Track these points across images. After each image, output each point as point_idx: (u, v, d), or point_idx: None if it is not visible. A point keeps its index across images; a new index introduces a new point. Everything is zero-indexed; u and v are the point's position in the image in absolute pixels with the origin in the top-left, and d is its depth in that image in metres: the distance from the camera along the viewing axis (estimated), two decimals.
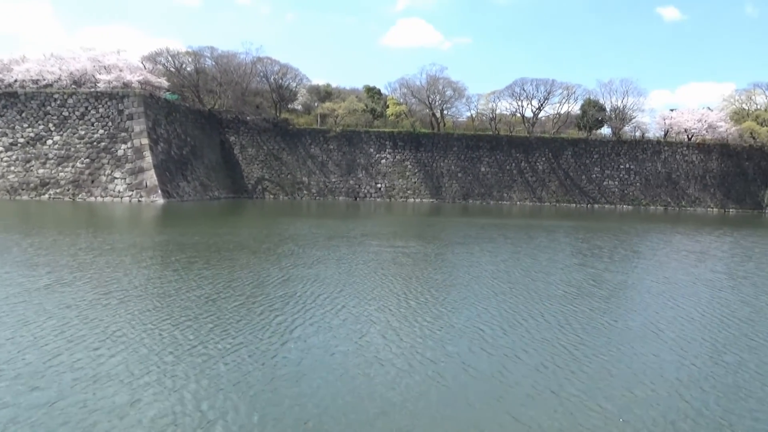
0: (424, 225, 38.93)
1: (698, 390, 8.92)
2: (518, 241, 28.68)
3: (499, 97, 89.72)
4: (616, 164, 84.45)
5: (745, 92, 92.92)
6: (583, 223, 43.61)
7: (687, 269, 21.46)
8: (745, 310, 14.60)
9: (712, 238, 34.64)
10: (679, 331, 12.29)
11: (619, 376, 9.33)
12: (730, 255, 27.12)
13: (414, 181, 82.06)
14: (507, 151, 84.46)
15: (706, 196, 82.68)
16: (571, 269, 20.00)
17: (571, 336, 11.49)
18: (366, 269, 18.24)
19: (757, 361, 10.44)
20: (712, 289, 17.20)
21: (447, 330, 11.63)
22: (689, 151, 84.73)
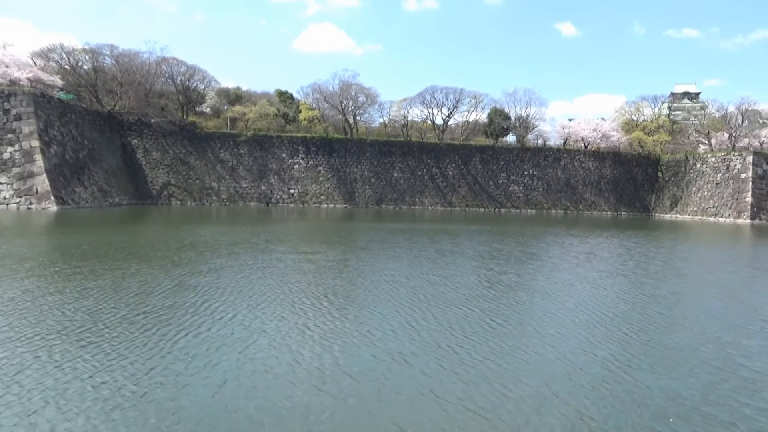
0: (333, 230, 38.88)
1: (569, 384, 9.43)
2: (422, 246, 29.28)
3: (410, 104, 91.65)
4: (520, 170, 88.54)
5: (634, 104, 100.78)
6: (487, 227, 45.33)
7: (574, 269, 22.82)
8: (621, 307, 15.71)
9: (601, 240, 37.13)
10: (560, 327, 12.99)
11: (499, 375, 9.69)
12: (614, 255, 29.15)
13: (327, 187, 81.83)
14: (419, 157, 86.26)
15: (601, 200, 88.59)
16: (468, 272, 20.66)
17: (460, 337, 11.83)
18: (264, 277, 17.88)
19: (628, 355, 11.22)
20: (595, 288, 18.37)
21: (337, 337, 11.60)
22: (586, 159, 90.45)
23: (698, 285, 20.55)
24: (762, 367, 10.77)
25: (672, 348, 11.83)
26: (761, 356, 11.52)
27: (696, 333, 13.14)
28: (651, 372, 10.23)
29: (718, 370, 10.54)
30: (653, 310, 15.25)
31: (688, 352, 11.70)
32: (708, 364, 10.92)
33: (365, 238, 32.83)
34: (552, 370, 10.05)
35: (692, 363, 10.89)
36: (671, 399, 8.98)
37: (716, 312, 15.66)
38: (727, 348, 12.05)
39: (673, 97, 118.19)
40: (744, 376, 10.27)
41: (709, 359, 11.23)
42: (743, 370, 10.60)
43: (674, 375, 10.21)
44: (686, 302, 16.88)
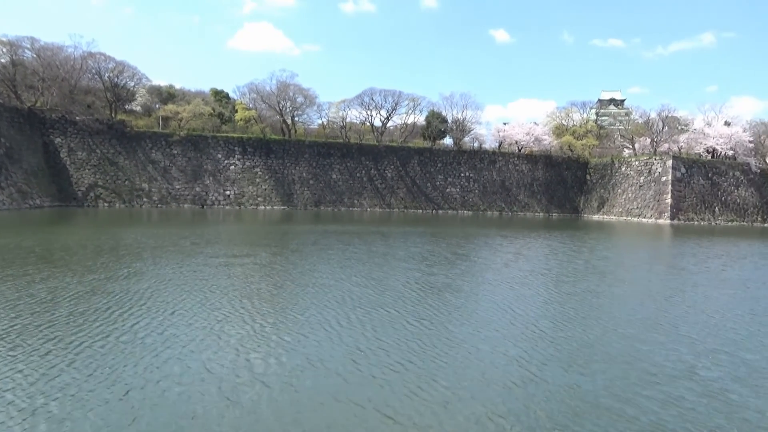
0: (266, 233, 38.24)
1: (483, 383, 9.61)
2: (355, 248, 29.25)
3: (349, 106, 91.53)
4: (457, 172, 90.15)
5: (564, 110, 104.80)
6: (423, 229, 45.86)
7: (500, 270, 23.39)
8: (540, 305, 16.22)
9: (529, 240, 38.32)
10: (480, 328, 13.25)
11: (415, 376, 9.76)
12: (539, 255, 30.11)
13: (265, 188, 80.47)
14: (357, 159, 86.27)
15: (534, 202, 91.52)
16: (397, 274, 20.78)
17: (381, 340, 11.84)
18: (185, 282, 17.32)
19: (542, 353, 11.56)
20: (517, 287, 18.89)
21: (253, 343, 11.37)
22: (520, 162, 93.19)
23: (614, 283, 21.50)
24: (663, 361, 11.36)
25: (585, 345, 12.29)
26: (665, 350, 12.16)
27: (608, 329, 13.72)
28: (563, 369, 10.59)
29: (627, 365, 11.04)
30: (569, 308, 15.84)
31: (599, 348, 12.20)
32: (617, 359, 11.42)
33: (298, 240, 32.47)
34: (467, 370, 10.23)
35: (602, 359, 11.36)
36: (580, 395, 9.32)
37: (628, 309, 16.43)
38: (635, 343, 12.64)
39: (600, 104, 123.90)
40: (648, 370, 10.80)
41: (618, 355, 11.75)
42: (648, 364, 11.14)
43: (585, 371, 10.60)
44: (601, 300, 17.62)
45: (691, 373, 10.70)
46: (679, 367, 11.06)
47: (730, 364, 11.44)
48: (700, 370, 10.97)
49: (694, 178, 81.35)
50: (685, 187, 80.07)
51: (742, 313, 16.51)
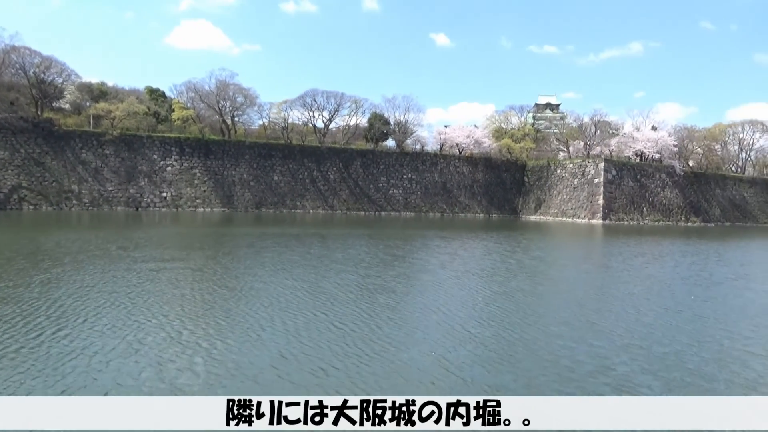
0: (202, 236, 37.22)
1: (402, 385, 9.60)
2: (292, 250, 28.87)
3: (291, 107, 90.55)
4: (400, 174, 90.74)
5: (503, 113, 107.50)
6: (363, 231, 45.86)
7: (435, 271, 23.64)
8: (468, 305, 16.47)
9: (465, 241, 39.01)
10: (408, 329, 13.29)
11: (336, 381, 9.65)
12: (475, 255, 30.69)
13: (204, 190, 78.39)
14: (299, 160, 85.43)
15: (474, 203, 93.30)
16: (332, 276, 20.61)
17: (304, 344, 11.66)
18: (105, 289, 16.55)
19: (465, 352, 11.70)
20: (450, 288, 19.13)
21: (168, 352, 10.95)
22: (460, 163, 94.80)
23: (543, 282, 22.16)
24: (583, 357, 11.71)
25: (509, 343, 12.53)
26: (586, 346, 12.56)
27: (533, 327, 14.06)
28: (486, 368, 10.75)
29: (548, 362, 11.32)
30: (498, 308, 16.14)
31: (523, 346, 12.46)
32: (540, 356, 11.69)
33: (234, 243, 31.76)
34: (390, 373, 10.20)
35: (525, 357, 11.61)
36: (501, 393, 9.46)
37: (554, 307, 16.93)
38: (558, 340, 12.99)
39: (537, 108, 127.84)
40: (568, 367, 11.12)
41: (541, 352, 12.04)
42: (569, 360, 11.47)
43: (508, 369, 10.80)
44: (529, 299, 18.06)
45: (607, 368, 11.07)
46: (597, 363, 11.43)
47: (644, 358, 11.92)
48: (617, 365, 11.38)
49: (624, 180, 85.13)
50: (615, 189, 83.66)
51: (658, 308, 17.32)
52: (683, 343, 13.26)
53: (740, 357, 12.27)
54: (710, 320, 15.89)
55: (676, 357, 12.06)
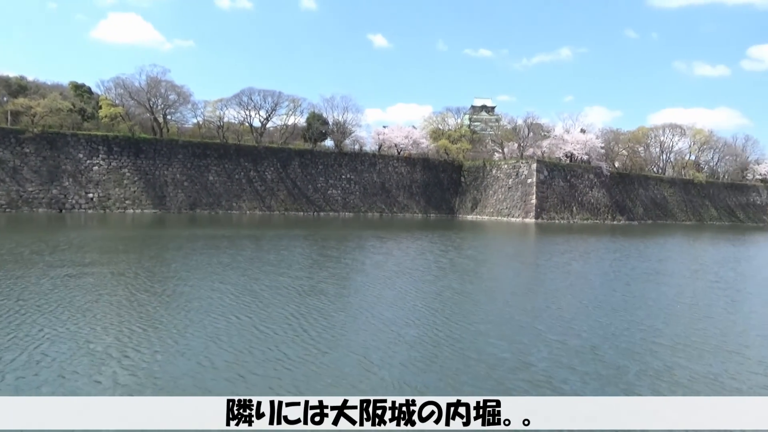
0: (130, 238, 35.69)
1: (322, 389, 9.49)
2: (222, 252, 28.13)
3: (226, 105, 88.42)
4: (338, 174, 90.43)
5: (440, 114, 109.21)
6: (299, 232, 45.34)
7: (367, 271, 23.66)
8: (396, 306, 16.53)
9: (401, 241, 39.32)
10: (331, 330, 13.17)
11: (253, 387, 9.42)
12: (409, 255, 30.95)
13: (134, 191, 75.32)
14: (236, 160, 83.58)
15: (413, 203, 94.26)
16: (259, 278, 20.19)
17: (216, 352, 11.34)
18: (7, 298, 15.53)
19: (391, 353, 11.69)
20: (380, 288, 19.16)
21: (61, 360, 10.37)
22: (399, 164, 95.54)
23: (473, 280, 22.59)
24: (505, 353, 11.97)
25: (437, 343, 12.62)
26: (509, 342, 12.84)
27: (460, 326, 14.25)
28: (409, 368, 10.77)
29: (473, 360, 11.47)
30: (427, 307, 16.28)
31: (449, 345, 12.56)
32: (465, 355, 11.84)
33: (162, 245, 30.63)
34: (311, 378, 10.06)
35: (451, 355, 11.72)
36: (420, 392, 9.50)
37: (482, 304, 17.25)
38: (483, 337, 13.23)
39: (473, 110, 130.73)
40: (490, 363, 11.32)
41: (467, 350, 12.20)
42: (492, 357, 11.68)
43: (434, 369, 10.86)
44: (458, 297, 18.33)
45: (528, 365, 11.35)
46: (519, 359, 11.70)
47: (562, 352, 12.30)
48: (538, 360, 11.68)
49: (556, 181, 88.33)
50: (547, 189, 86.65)
51: (579, 303, 18.00)
52: (600, 337, 13.81)
53: (651, 349, 12.88)
54: (626, 314, 16.64)
55: (591, 351, 12.53)
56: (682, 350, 12.96)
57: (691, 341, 13.76)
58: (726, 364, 11.97)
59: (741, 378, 11.04)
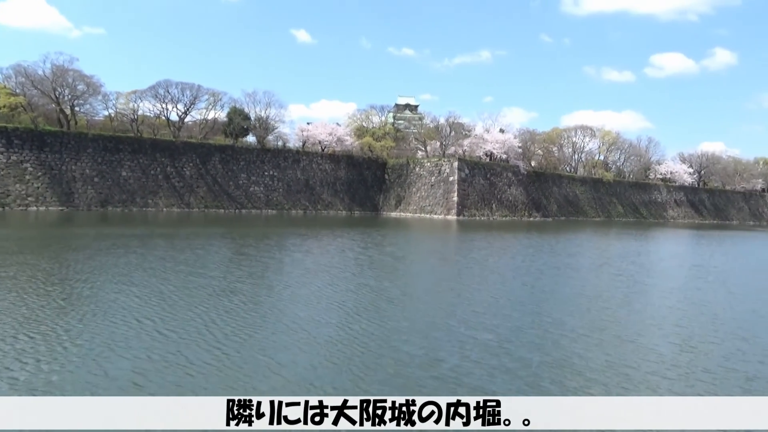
0: (26, 238, 33.13)
1: (226, 392, 9.16)
2: (133, 252, 26.71)
3: (141, 98, 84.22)
4: (261, 171, 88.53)
5: (365, 112, 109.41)
6: (217, 230, 43.94)
7: (284, 269, 23.26)
8: (311, 305, 16.33)
9: (323, 238, 39.04)
10: (241, 332, 12.79)
11: (145, 392, 8.94)
12: (329, 252, 30.74)
13: (37, 187, 70.22)
14: (151, 155, 79.86)
15: (337, 200, 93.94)
16: (171, 278, 19.34)
17: (112, 359, 10.71)
18: None
19: (295, 351, 11.48)
20: (294, 287, 18.85)
21: None
22: (323, 161, 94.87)
23: (389, 277, 22.72)
24: (417, 350, 12.07)
25: (348, 342, 12.54)
26: (421, 338, 12.97)
27: (373, 324, 14.24)
28: (318, 368, 10.62)
29: (383, 358, 11.48)
30: (341, 306, 16.18)
31: (360, 344, 12.51)
32: (377, 353, 11.83)
33: (65, 245, 28.67)
34: (213, 382, 9.70)
35: (360, 353, 11.67)
36: (327, 392, 9.37)
37: (396, 301, 17.32)
38: (394, 334, 13.28)
39: (397, 108, 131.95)
40: (402, 360, 11.37)
41: (377, 348, 12.20)
42: (403, 354, 11.73)
43: (336, 368, 10.76)
44: (373, 294, 18.34)
45: (438, 361, 11.49)
46: (430, 356, 11.83)
47: (471, 347, 12.56)
48: (448, 356, 11.85)
49: (476, 179, 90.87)
50: (468, 187, 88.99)
51: (490, 298, 18.54)
52: (508, 330, 14.25)
53: (554, 340, 13.44)
54: (534, 307, 17.30)
55: (499, 345, 12.89)
56: (583, 340, 13.62)
57: (591, 332, 14.49)
58: (622, 353, 12.68)
59: (635, 366, 11.71)
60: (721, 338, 14.39)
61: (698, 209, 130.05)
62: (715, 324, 16.09)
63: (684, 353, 12.85)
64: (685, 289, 23.44)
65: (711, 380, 10.95)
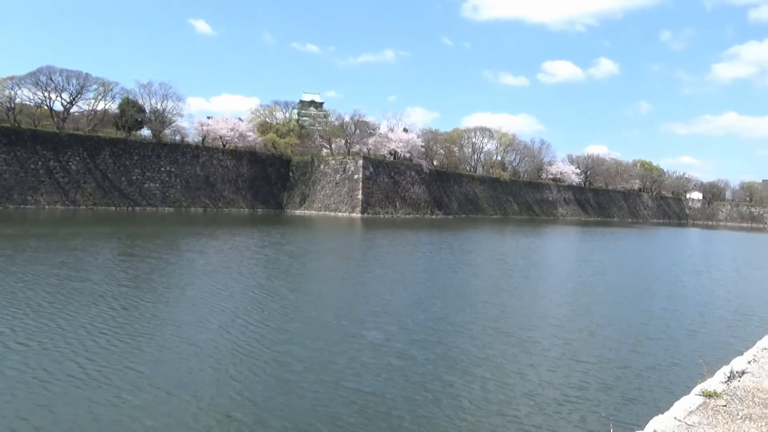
0: None
1: (100, 408, 8.48)
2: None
3: (19, 85, 76.84)
4: (157, 166, 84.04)
5: (268, 108, 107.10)
6: (103, 230, 41.07)
7: (171, 270, 22.11)
8: (195, 310, 15.62)
9: (219, 237, 37.67)
10: (102, 337, 11.96)
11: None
12: (224, 251, 29.70)
13: None
14: (31, 148, 73.26)
15: (239, 198, 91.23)
16: (39, 284, 17.72)
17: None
18: None
19: (182, 361, 10.88)
20: (182, 289, 17.97)
21: None
22: (224, 157, 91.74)
23: (284, 276, 22.29)
24: (300, 353, 11.84)
25: (223, 347, 12.07)
26: (307, 339, 12.75)
27: (254, 325, 13.84)
28: (184, 378, 10.12)
29: (263, 362, 11.14)
30: (225, 307, 15.61)
31: (237, 349, 12.11)
32: (254, 356, 11.46)
33: None
34: (62, 393, 8.94)
35: (245, 359, 11.26)
36: (207, 403, 8.93)
37: (285, 302, 16.99)
38: (279, 336, 12.98)
39: (301, 104, 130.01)
40: (285, 365, 11.09)
41: (258, 351, 11.84)
42: (285, 358, 11.46)
43: (209, 377, 10.32)
44: (261, 295, 17.88)
45: (323, 364, 11.32)
46: (316, 358, 11.65)
47: (361, 347, 12.54)
48: (334, 358, 11.74)
49: (380, 177, 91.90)
50: (373, 185, 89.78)
51: (383, 296, 18.68)
52: (399, 327, 14.41)
53: (441, 336, 13.72)
54: (426, 304, 17.64)
55: (387, 343, 12.98)
56: (468, 335, 14.06)
57: (477, 327, 15.01)
58: (503, 346, 13.20)
59: (511, 357, 12.23)
60: (595, 330, 15.41)
61: (584, 207, 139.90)
62: (593, 316, 17.25)
63: (560, 345, 13.62)
64: (569, 282, 25.00)
65: (584, 370, 11.64)
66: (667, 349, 13.60)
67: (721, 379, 6.62)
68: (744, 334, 15.09)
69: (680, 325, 16.46)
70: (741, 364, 7.31)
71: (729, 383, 6.47)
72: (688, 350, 13.57)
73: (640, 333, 15.22)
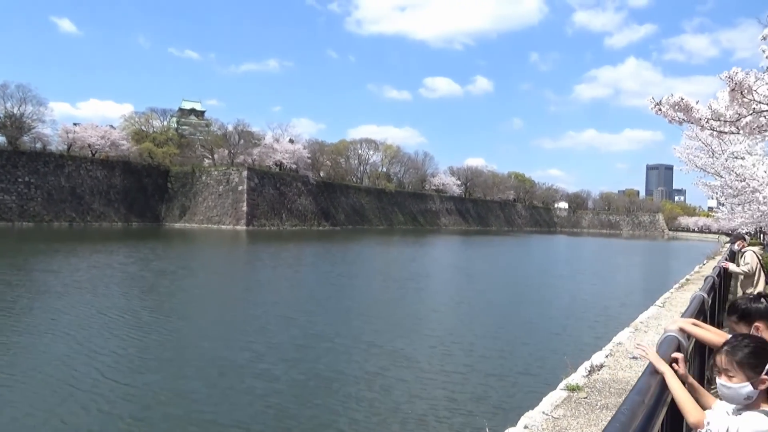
0: None
1: None
2: None
3: None
4: (13, 177, 75.58)
5: (144, 115, 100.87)
6: None
7: (9, 291, 19.57)
8: (24, 336, 13.80)
9: (78, 253, 34.39)
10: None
11: None
12: (80, 269, 27.00)
13: None
14: None
15: (111, 210, 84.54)
16: None
17: None
18: None
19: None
20: (13, 315, 15.87)
21: None
22: (94, 167, 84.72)
23: (142, 296, 20.60)
24: (154, 381, 10.71)
25: (57, 377, 10.65)
26: (159, 367, 11.59)
27: (96, 354, 12.43)
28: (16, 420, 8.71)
29: (101, 397, 9.92)
30: (66, 333, 13.93)
31: (70, 383, 10.76)
32: (98, 387, 10.19)
33: None
34: None
35: (65, 396, 9.95)
36: None
37: (140, 325, 15.54)
38: (129, 363, 11.72)
39: (181, 113, 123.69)
40: (129, 395, 9.95)
41: (99, 381, 10.57)
42: (131, 389, 10.29)
43: (48, 414, 8.99)
44: (113, 318, 16.25)
45: (179, 395, 10.30)
46: (171, 388, 10.60)
47: (225, 372, 11.62)
48: (192, 389, 10.76)
49: (266, 188, 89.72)
50: (258, 196, 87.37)
51: (252, 313, 17.76)
52: (267, 346, 13.66)
53: (314, 354, 13.13)
54: (301, 319, 16.98)
55: (251, 365, 12.17)
56: (341, 351, 13.60)
57: (349, 341, 14.59)
58: (376, 360, 12.88)
59: (383, 372, 11.93)
60: (468, 339, 15.59)
61: (465, 217, 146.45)
62: (467, 326, 17.50)
63: (431, 357, 13.55)
64: (447, 292, 25.48)
65: (456, 381, 11.56)
66: (534, 353, 14.05)
67: (583, 374, 7.11)
68: (604, 332, 16.03)
69: (547, 329, 17.19)
70: (599, 359, 7.91)
71: (589, 377, 6.98)
72: (556, 351, 14.11)
73: (511, 339, 15.64)
